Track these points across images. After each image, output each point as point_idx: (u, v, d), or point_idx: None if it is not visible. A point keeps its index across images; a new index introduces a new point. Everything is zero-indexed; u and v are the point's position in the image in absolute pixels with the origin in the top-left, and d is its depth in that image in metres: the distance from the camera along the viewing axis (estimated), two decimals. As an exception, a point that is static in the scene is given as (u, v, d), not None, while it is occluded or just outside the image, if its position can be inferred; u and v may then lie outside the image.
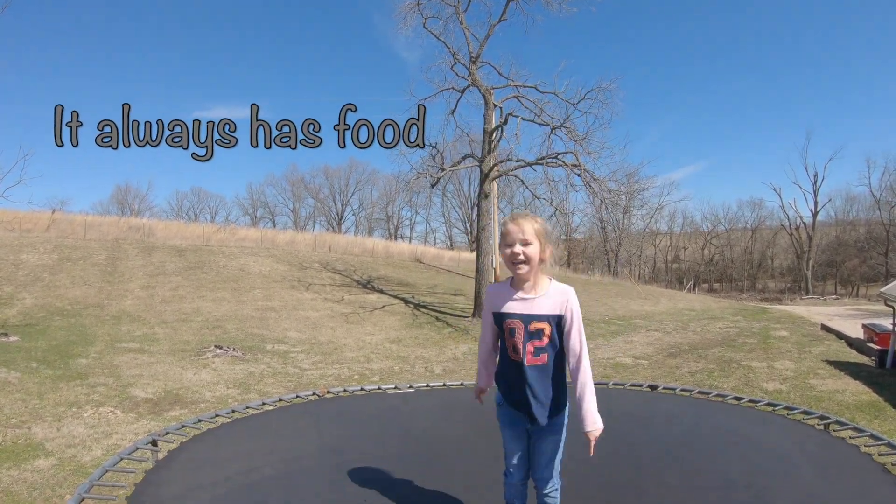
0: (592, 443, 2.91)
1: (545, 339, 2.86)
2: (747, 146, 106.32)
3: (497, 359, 3.19)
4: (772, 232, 71.91)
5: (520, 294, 2.89)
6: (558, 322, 2.87)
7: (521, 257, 2.80)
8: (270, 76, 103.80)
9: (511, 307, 2.89)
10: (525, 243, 2.80)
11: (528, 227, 2.80)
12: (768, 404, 6.42)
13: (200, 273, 24.93)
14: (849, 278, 64.36)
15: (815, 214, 63.26)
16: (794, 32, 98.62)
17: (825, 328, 23.74)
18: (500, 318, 2.94)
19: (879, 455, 4.25)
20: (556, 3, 22.70)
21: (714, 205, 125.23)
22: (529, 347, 2.87)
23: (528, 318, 2.85)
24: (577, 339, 2.89)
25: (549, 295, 2.87)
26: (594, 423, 2.89)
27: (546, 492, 3.12)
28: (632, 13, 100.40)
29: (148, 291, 21.40)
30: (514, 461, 3.14)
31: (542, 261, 2.86)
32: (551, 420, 2.99)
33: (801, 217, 64.96)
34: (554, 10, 22.91)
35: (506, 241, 2.84)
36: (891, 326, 17.34)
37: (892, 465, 3.86)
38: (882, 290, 17.49)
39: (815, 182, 62.42)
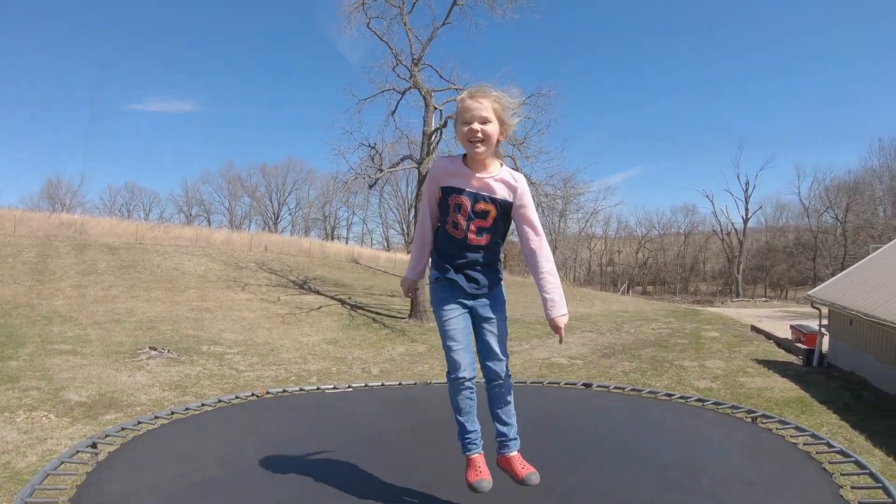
0: (561, 329, 2.76)
1: (489, 221, 2.77)
2: (682, 154, 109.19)
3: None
4: (704, 237, 74.33)
5: (470, 171, 2.76)
6: (504, 207, 2.78)
7: (479, 136, 2.64)
8: (207, 69, 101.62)
9: (460, 183, 2.74)
10: (484, 121, 2.63)
11: (488, 104, 2.65)
12: (698, 400, 6.75)
13: (134, 272, 24.41)
14: (778, 282, 67.52)
15: (745, 221, 66.46)
16: (729, 42, 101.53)
17: (755, 329, 24.81)
18: (447, 192, 2.80)
19: (804, 444, 4.54)
20: (501, 9, 23.06)
21: (648, 210, 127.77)
22: (472, 226, 2.77)
23: (475, 197, 2.75)
24: (532, 221, 2.80)
25: (498, 178, 2.77)
26: (561, 309, 2.75)
27: (503, 377, 2.93)
28: (573, 22, 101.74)
29: (80, 291, 20.87)
30: (460, 343, 2.86)
31: (499, 141, 2.73)
32: (493, 291, 2.93)
33: (732, 223, 67.93)
34: (497, 15, 23.29)
35: (463, 117, 2.66)
36: (817, 328, 18.32)
37: (818, 453, 4.14)
38: (810, 293, 18.46)
39: (747, 190, 65.51)
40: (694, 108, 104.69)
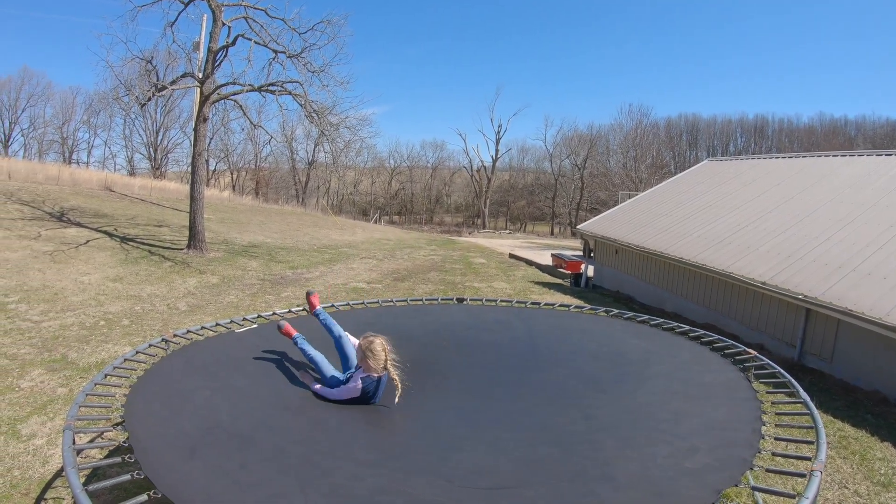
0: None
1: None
2: (439, 94, 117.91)
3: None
4: (450, 172, 78.69)
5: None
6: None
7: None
8: None
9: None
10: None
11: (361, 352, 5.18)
12: (533, 303, 7.89)
13: None
14: (518, 216, 76.04)
15: (495, 160, 73.77)
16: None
17: (513, 256, 27.36)
18: None
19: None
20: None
21: (399, 143, 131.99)
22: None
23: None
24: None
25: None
26: None
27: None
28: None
29: None
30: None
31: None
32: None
33: (482, 161, 74.98)
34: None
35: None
36: (571, 254, 21.35)
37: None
38: (579, 227, 21.24)
39: (499, 132, 72.66)
40: (455, 53, 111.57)
